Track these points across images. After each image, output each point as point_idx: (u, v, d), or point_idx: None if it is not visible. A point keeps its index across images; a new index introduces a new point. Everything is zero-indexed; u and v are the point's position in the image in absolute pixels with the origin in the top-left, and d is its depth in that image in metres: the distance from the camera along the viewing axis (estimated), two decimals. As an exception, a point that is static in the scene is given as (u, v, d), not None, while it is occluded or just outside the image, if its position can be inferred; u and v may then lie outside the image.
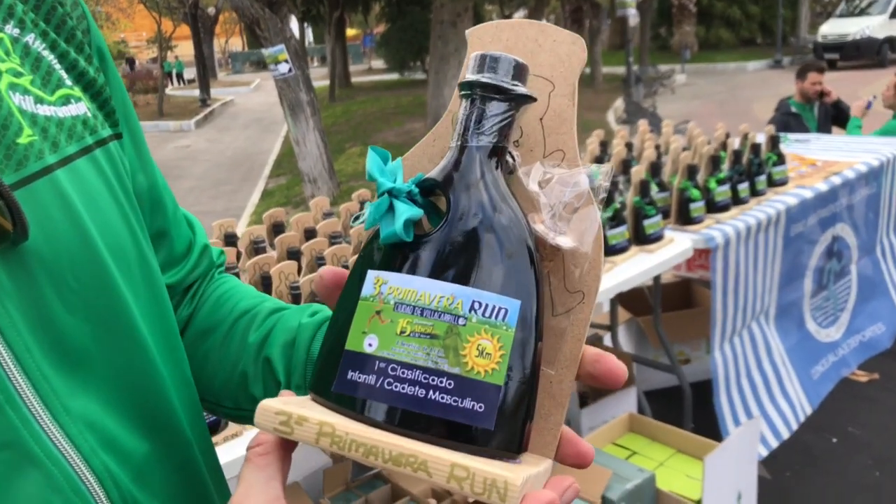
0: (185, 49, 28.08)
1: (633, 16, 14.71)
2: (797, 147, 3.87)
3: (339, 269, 0.51)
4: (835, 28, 17.85)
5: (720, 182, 2.83)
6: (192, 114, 17.19)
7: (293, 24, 17.47)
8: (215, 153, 12.91)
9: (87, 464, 0.47)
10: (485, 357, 0.41)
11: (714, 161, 2.87)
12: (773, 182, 3.08)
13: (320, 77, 19.67)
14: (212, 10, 23.44)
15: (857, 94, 10.24)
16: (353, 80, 20.93)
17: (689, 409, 2.86)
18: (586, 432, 2.56)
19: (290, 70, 7.65)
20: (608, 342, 3.09)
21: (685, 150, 2.95)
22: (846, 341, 3.42)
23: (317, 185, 8.17)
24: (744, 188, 2.91)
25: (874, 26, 17.22)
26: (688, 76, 17.30)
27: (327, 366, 0.45)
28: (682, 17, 20.17)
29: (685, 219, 2.72)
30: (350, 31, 27.71)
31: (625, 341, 3.24)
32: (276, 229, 2.17)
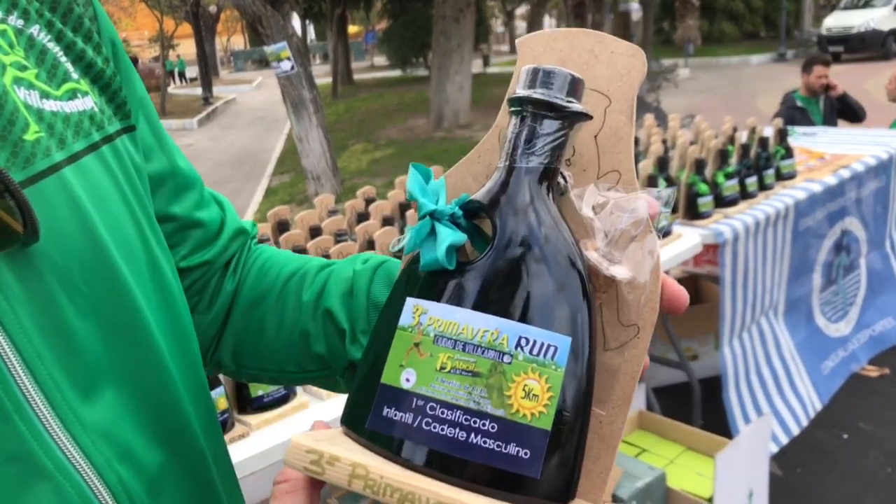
0: (186, 47, 28.08)
1: (635, 10, 14.69)
2: (805, 140, 3.84)
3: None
4: (839, 20, 17.77)
5: (728, 176, 2.80)
6: (194, 112, 17.19)
7: (295, 21, 17.47)
8: (218, 151, 12.90)
9: (100, 476, 0.45)
10: (531, 399, 0.38)
11: (722, 155, 2.84)
12: (781, 176, 3.06)
13: (323, 74, 19.68)
14: (213, 8, 23.45)
15: (861, 86, 10.25)
16: (356, 76, 20.91)
17: (698, 406, 2.84)
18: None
19: (292, 67, 7.63)
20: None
21: (692, 144, 2.92)
22: (856, 336, 3.39)
23: (320, 183, 8.15)
24: (752, 182, 2.88)
25: (879, 18, 17.14)
26: (691, 70, 17.25)
27: (361, 399, 0.42)
28: (686, 11, 20.11)
29: (693, 213, 2.70)
30: (352, 28, 27.71)
31: (632, 337, 3.21)
32: (281, 227, 2.15)
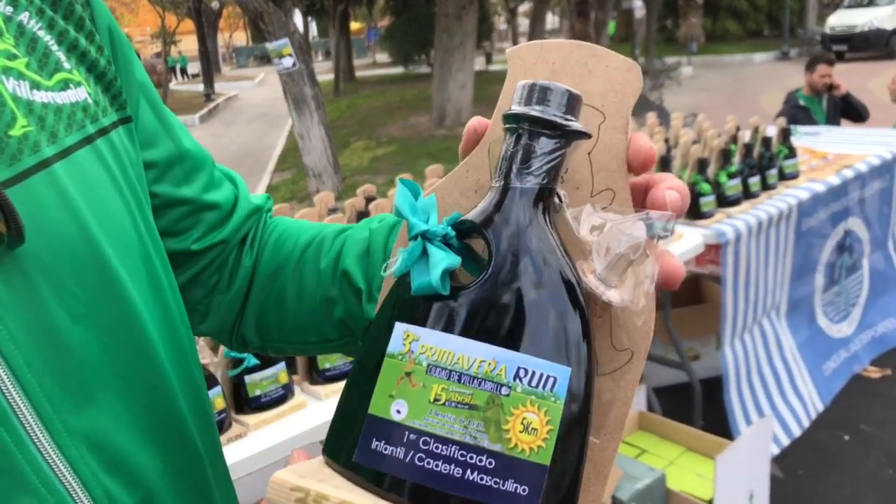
0: (188, 44, 28.07)
1: (639, 8, 14.66)
2: (808, 140, 3.82)
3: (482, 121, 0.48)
4: (843, 19, 17.72)
5: (731, 176, 2.79)
6: (196, 109, 17.16)
7: (297, 17, 17.45)
8: (220, 148, 12.89)
9: (85, 490, 0.44)
10: (530, 433, 0.37)
11: (724, 154, 2.82)
12: (784, 176, 3.04)
13: (325, 71, 19.66)
14: (215, 4, 23.44)
15: (865, 85, 10.22)
16: (358, 73, 20.87)
17: (698, 406, 2.83)
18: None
19: (294, 64, 7.62)
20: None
21: (695, 143, 2.91)
22: (858, 337, 3.38)
23: (321, 180, 8.14)
24: (755, 182, 2.86)
25: (882, 17, 17.09)
26: (694, 68, 17.21)
27: (346, 429, 0.40)
28: (689, 9, 20.05)
29: (695, 213, 2.68)
30: (354, 25, 27.67)
31: (633, 337, 3.20)
32: (281, 226, 2.14)
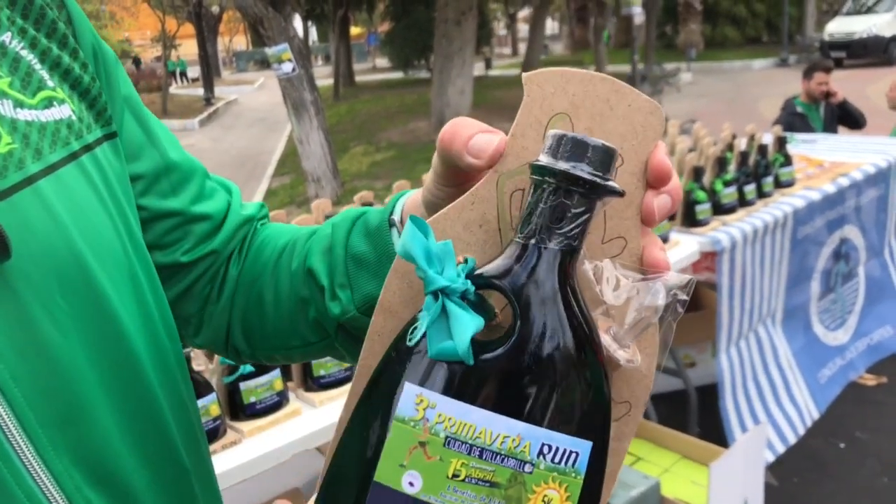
0: (188, 48, 28.10)
1: (638, 14, 14.68)
2: (804, 147, 3.83)
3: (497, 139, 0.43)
4: (841, 26, 17.77)
5: (726, 184, 2.80)
6: (195, 113, 17.19)
7: (297, 22, 17.46)
8: (219, 152, 12.90)
9: (68, 503, 0.44)
10: None
11: (720, 162, 2.83)
12: (779, 183, 3.05)
13: (324, 76, 19.69)
14: (216, 8, 23.49)
15: (863, 92, 10.23)
16: (357, 78, 20.90)
17: (694, 414, 2.83)
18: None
19: (293, 69, 7.64)
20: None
21: (691, 151, 2.92)
22: (854, 344, 3.38)
23: (321, 185, 8.15)
24: (750, 190, 2.87)
25: (881, 24, 17.15)
26: (693, 75, 17.24)
27: (345, 492, 0.37)
28: (688, 16, 20.12)
29: (691, 221, 2.69)
30: (354, 30, 27.71)
31: (629, 344, 3.20)
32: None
